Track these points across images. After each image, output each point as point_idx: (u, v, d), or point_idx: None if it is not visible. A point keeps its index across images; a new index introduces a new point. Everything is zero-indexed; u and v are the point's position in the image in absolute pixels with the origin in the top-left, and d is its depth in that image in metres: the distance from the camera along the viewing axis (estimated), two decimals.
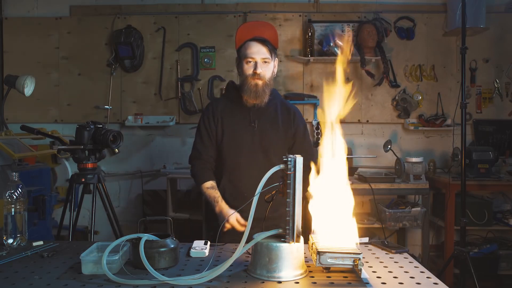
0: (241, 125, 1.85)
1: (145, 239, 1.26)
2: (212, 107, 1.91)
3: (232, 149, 1.85)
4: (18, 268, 1.28)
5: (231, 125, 1.86)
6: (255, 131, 1.84)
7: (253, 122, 1.84)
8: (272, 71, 1.85)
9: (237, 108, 1.87)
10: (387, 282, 1.16)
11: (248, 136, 1.84)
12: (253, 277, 1.20)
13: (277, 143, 1.86)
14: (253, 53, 1.78)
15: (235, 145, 1.85)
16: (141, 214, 3.63)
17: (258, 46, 1.78)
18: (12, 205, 1.48)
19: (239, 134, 1.85)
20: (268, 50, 1.79)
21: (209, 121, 1.88)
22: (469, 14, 2.72)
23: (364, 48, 3.41)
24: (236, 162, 1.85)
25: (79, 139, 2.14)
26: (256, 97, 1.81)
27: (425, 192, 3.14)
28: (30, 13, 3.67)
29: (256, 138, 1.84)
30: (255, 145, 1.84)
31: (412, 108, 3.55)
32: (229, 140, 1.85)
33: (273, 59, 1.84)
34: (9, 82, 2.71)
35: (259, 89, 1.79)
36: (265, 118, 1.86)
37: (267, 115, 1.87)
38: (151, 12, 3.62)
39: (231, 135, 1.85)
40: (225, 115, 1.87)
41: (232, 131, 1.85)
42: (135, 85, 3.62)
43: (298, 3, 3.60)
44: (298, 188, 1.21)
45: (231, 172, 1.87)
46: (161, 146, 3.66)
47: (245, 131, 1.84)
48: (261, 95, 1.81)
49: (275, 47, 1.85)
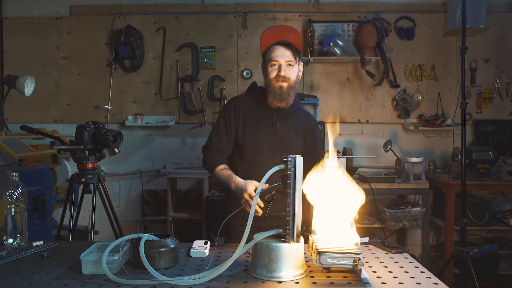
0: (264, 124, 1.87)
1: (145, 239, 1.26)
2: (235, 102, 1.92)
3: (252, 148, 1.86)
4: (18, 268, 1.28)
5: (253, 122, 1.87)
6: (277, 132, 1.86)
7: (275, 123, 1.86)
8: (297, 74, 1.87)
9: (260, 108, 1.89)
10: (387, 282, 1.16)
11: (270, 135, 1.86)
12: (253, 277, 1.20)
13: (296, 147, 1.89)
14: (277, 56, 1.81)
15: (256, 142, 1.86)
16: (141, 214, 3.63)
17: (282, 49, 1.81)
18: (12, 205, 1.48)
19: (261, 132, 1.86)
20: (292, 53, 1.82)
21: (229, 115, 1.89)
22: (469, 14, 2.72)
23: (364, 48, 3.41)
24: (255, 159, 1.86)
25: (79, 139, 2.14)
26: (280, 99, 1.83)
27: (425, 192, 3.14)
28: (30, 13, 3.68)
29: (277, 139, 1.86)
30: (275, 146, 1.86)
31: (412, 108, 3.55)
32: (250, 137, 1.86)
33: (297, 62, 1.86)
34: (9, 82, 2.71)
35: (283, 91, 1.81)
36: (287, 121, 1.89)
37: (290, 119, 1.90)
38: (151, 12, 3.62)
39: (252, 132, 1.86)
40: (248, 112, 1.89)
41: (254, 128, 1.87)
42: (135, 85, 3.62)
43: (298, 3, 3.60)
44: (298, 188, 1.21)
45: (248, 170, 1.85)
46: (161, 146, 3.66)
47: (267, 130, 1.86)
48: (286, 97, 1.83)
49: (299, 50, 1.87)
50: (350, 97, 3.58)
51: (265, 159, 1.83)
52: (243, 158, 1.88)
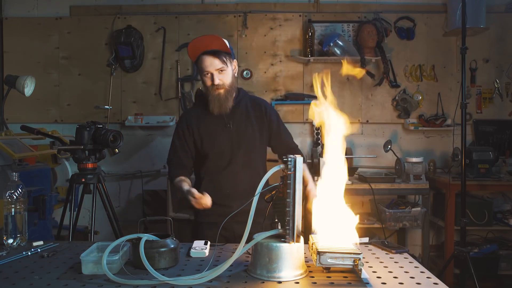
0: (217, 128, 1.94)
1: (145, 239, 1.26)
2: (186, 118, 2.01)
3: (212, 151, 1.94)
4: (18, 268, 1.28)
5: (208, 130, 1.95)
6: (232, 131, 1.93)
7: (228, 123, 1.93)
8: (231, 75, 1.93)
9: (210, 115, 1.95)
10: (387, 282, 1.16)
11: (226, 137, 1.93)
12: (253, 277, 1.20)
13: (254, 139, 1.95)
14: (207, 67, 1.87)
15: (215, 147, 1.94)
16: (141, 214, 3.63)
17: (210, 59, 1.86)
18: (12, 205, 1.48)
19: (217, 137, 1.94)
20: (220, 60, 1.86)
21: (183, 131, 1.97)
22: (469, 14, 2.72)
23: (364, 48, 3.41)
24: (217, 163, 1.94)
25: (79, 139, 2.14)
26: (220, 106, 1.90)
27: (425, 192, 3.14)
28: (30, 13, 3.67)
29: (234, 137, 1.93)
30: (234, 144, 1.93)
31: (412, 108, 3.55)
32: (209, 143, 1.94)
33: (229, 64, 1.90)
34: (9, 82, 2.71)
35: (221, 97, 1.89)
36: (239, 117, 1.95)
37: (240, 114, 1.96)
38: (151, 12, 3.62)
39: (209, 139, 1.94)
40: (201, 122, 1.97)
41: (210, 135, 1.95)
42: (135, 85, 3.62)
43: (298, 3, 3.60)
44: (298, 188, 1.21)
45: (213, 173, 1.95)
46: (161, 146, 3.66)
47: (222, 133, 1.93)
48: (224, 103, 1.90)
49: (227, 51, 1.90)
50: (350, 97, 3.58)
51: (227, 159, 1.92)
52: (206, 163, 1.96)
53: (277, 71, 3.58)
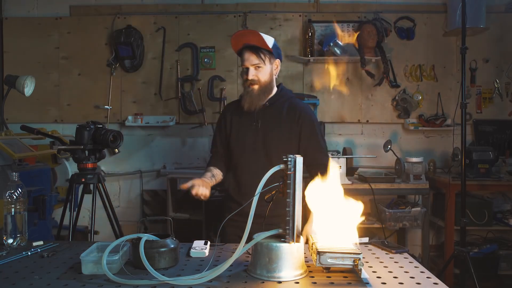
0: (246, 124, 1.94)
1: (145, 239, 1.26)
2: (225, 109, 2.09)
3: (236, 148, 1.96)
4: (18, 268, 1.28)
5: (237, 125, 1.97)
6: (258, 131, 1.91)
7: (255, 122, 1.92)
8: (269, 73, 1.90)
9: (244, 111, 1.95)
10: (387, 282, 1.16)
11: (251, 135, 1.92)
12: (253, 277, 1.20)
13: (279, 142, 1.89)
14: (244, 61, 1.89)
15: (239, 143, 1.95)
16: (141, 214, 3.63)
17: (248, 53, 1.88)
18: (12, 205, 1.48)
19: (243, 133, 1.94)
20: (257, 56, 1.86)
21: (220, 122, 2.05)
22: (469, 14, 2.72)
23: (364, 48, 3.41)
24: (239, 160, 1.95)
25: (79, 139, 2.14)
26: (250, 102, 1.89)
27: (425, 192, 3.14)
28: (30, 13, 3.67)
29: (259, 137, 1.91)
30: (257, 144, 1.91)
31: (412, 108, 3.54)
32: (234, 139, 1.96)
33: (267, 62, 1.89)
34: (9, 82, 2.71)
35: (254, 94, 1.88)
36: (268, 118, 1.92)
37: (271, 115, 1.93)
38: (151, 12, 3.62)
39: (236, 134, 1.96)
40: (234, 115, 1.99)
41: (237, 130, 1.96)
42: (135, 85, 3.62)
43: (298, 3, 3.60)
44: (298, 188, 1.21)
45: (235, 169, 1.97)
46: (161, 146, 3.66)
47: (249, 130, 1.93)
48: (256, 100, 1.89)
49: (268, 50, 1.88)
50: (350, 97, 3.58)
51: (247, 158, 1.92)
52: (230, 158, 2.00)
53: None
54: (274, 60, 1.93)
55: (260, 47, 1.87)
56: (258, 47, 1.87)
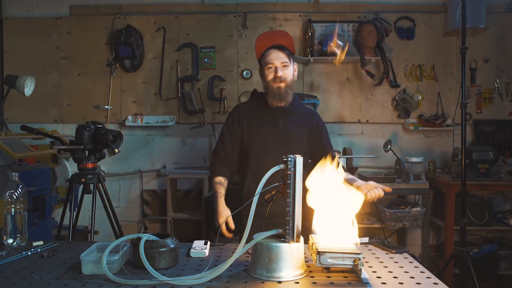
0: (266, 125, 1.95)
1: (145, 239, 1.26)
2: (238, 110, 2.04)
3: (258, 148, 1.95)
4: (18, 268, 1.28)
5: (256, 125, 1.97)
6: (280, 131, 1.94)
7: (278, 122, 1.94)
8: (292, 74, 1.96)
9: (262, 111, 1.98)
10: (387, 282, 1.16)
11: (274, 135, 1.94)
12: (253, 277, 1.20)
13: (301, 141, 1.96)
14: (272, 59, 1.90)
15: (261, 144, 1.94)
16: (141, 214, 3.63)
17: (276, 52, 1.90)
18: (12, 205, 1.48)
19: (264, 133, 1.95)
20: (286, 55, 1.91)
21: (233, 123, 2.00)
22: (469, 14, 2.72)
23: (364, 48, 3.41)
24: (261, 160, 1.92)
25: (79, 139, 2.14)
26: (280, 99, 1.92)
27: (425, 192, 3.14)
28: (30, 13, 3.67)
29: (281, 136, 1.93)
30: (280, 143, 1.93)
31: (412, 108, 3.54)
32: (255, 139, 1.95)
33: (291, 63, 1.94)
34: (9, 82, 2.71)
35: (282, 91, 1.91)
36: (289, 118, 1.96)
37: (291, 116, 1.97)
38: (151, 12, 3.62)
39: (256, 135, 1.96)
40: (251, 117, 1.99)
41: (257, 131, 1.96)
42: (135, 85, 3.62)
43: (298, 3, 3.60)
44: (298, 188, 1.21)
45: (257, 170, 1.93)
46: (161, 146, 3.66)
47: (271, 130, 1.94)
48: (285, 97, 1.92)
49: (292, 52, 1.95)
50: (350, 97, 3.58)
51: (271, 157, 1.88)
52: (249, 159, 1.97)
53: None
54: (294, 64, 1.98)
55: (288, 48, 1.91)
56: (285, 47, 1.91)
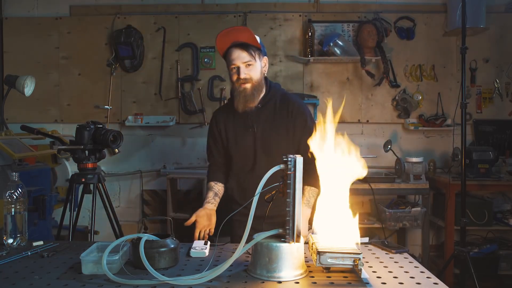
0: (242, 130, 1.89)
1: (145, 239, 1.26)
2: (215, 118, 1.99)
3: (237, 154, 1.92)
4: (18, 268, 1.28)
5: (233, 131, 1.92)
6: (256, 135, 1.87)
7: (251, 127, 1.87)
8: (260, 72, 1.84)
9: (237, 115, 1.89)
10: (387, 282, 1.16)
11: (250, 140, 1.88)
12: (253, 277, 1.20)
13: (278, 142, 1.86)
14: (234, 60, 1.79)
15: (239, 149, 1.91)
16: (141, 214, 3.63)
17: (237, 51, 1.79)
18: (12, 205, 1.48)
19: (241, 139, 1.90)
20: (248, 53, 1.79)
21: (213, 132, 1.98)
22: (469, 14, 2.72)
23: (364, 48, 3.41)
24: (241, 165, 1.92)
25: (79, 139, 2.14)
26: (245, 102, 1.82)
27: (425, 192, 3.14)
28: (30, 13, 3.67)
29: (258, 141, 1.87)
30: (257, 148, 1.87)
31: (412, 108, 3.54)
32: (233, 145, 1.92)
33: (257, 59, 1.83)
34: (9, 82, 2.71)
35: (247, 93, 1.81)
36: (263, 120, 1.87)
37: (265, 116, 1.87)
38: (151, 12, 3.62)
39: (234, 141, 1.92)
40: (227, 123, 1.93)
41: (234, 137, 1.91)
42: (135, 85, 3.62)
43: (298, 3, 3.60)
44: (298, 188, 1.21)
45: (238, 175, 1.95)
46: (161, 146, 3.66)
47: (246, 135, 1.88)
48: (250, 100, 1.82)
49: (257, 46, 1.84)
50: (350, 97, 3.58)
51: (250, 162, 1.89)
52: (233, 166, 1.96)
53: (277, 71, 3.58)
54: (263, 57, 1.87)
55: (250, 44, 1.80)
56: (247, 44, 1.80)
